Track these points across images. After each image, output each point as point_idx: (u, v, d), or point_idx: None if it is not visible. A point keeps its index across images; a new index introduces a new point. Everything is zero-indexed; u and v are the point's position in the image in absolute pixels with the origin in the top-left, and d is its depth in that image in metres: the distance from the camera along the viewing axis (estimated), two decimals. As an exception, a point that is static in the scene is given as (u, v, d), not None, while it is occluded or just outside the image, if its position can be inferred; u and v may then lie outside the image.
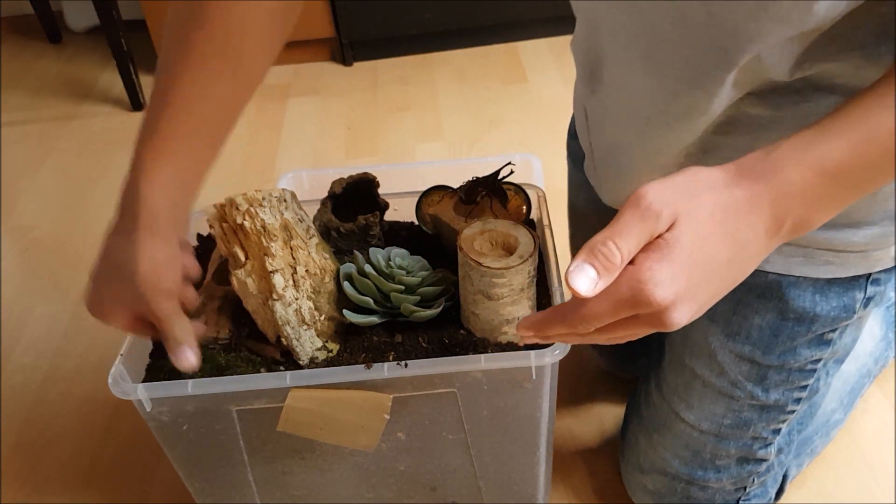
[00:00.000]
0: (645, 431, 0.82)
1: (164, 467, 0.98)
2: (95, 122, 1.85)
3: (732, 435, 0.75)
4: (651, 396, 0.81)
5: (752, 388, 0.72)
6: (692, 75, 0.56)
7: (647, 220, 0.44)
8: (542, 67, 1.88)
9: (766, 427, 0.75)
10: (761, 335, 0.69)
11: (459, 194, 0.81)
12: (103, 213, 1.51)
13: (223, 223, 0.70)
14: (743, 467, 0.77)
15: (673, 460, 0.78)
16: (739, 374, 0.71)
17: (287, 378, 0.65)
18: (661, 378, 0.80)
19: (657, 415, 0.80)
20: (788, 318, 0.68)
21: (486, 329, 0.70)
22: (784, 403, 0.73)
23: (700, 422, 0.75)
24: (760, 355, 0.70)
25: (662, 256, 0.43)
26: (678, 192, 0.45)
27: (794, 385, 0.72)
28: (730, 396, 0.73)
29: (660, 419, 0.79)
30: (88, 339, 1.20)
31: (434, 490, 0.79)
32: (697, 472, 0.78)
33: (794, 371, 0.71)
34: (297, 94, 1.88)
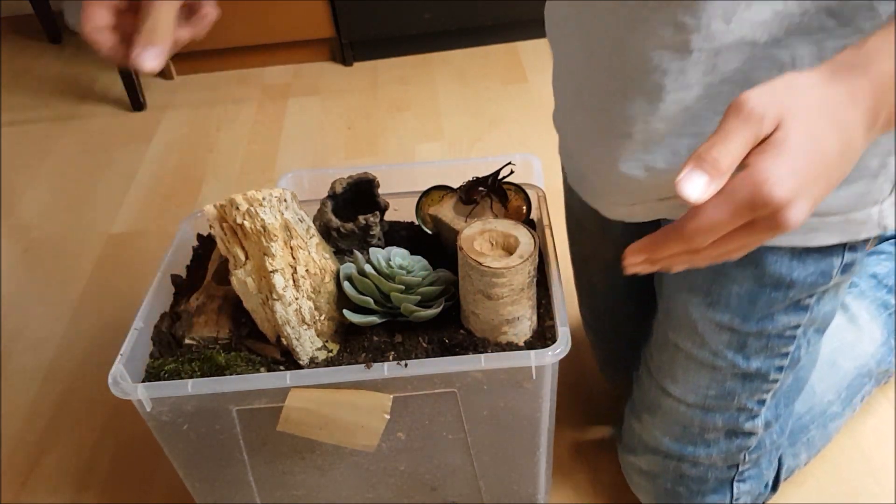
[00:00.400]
0: (636, 413, 0.82)
1: (164, 467, 0.98)
2: (95, 122, 1.85)
3: (718, 406, 0.75)
4: (641, 379, 0.82)
5: (733, 357, 0.72)
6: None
7: (751, 123, 0.44)
8: (542, 67, 1.88)
9: (751, 397, 0.75)
10: (740, 303, 0.70)
11: (459, 194, 0.81)
12: (103, 213, 1.51)
13: (223, 223, 0.70)
14: (732, 441, 0.77)
15: (663, 438, 0.79)
16: (720, 344, 0.72)
17: (287, 378, 0.65)
18: (648, 358, 0.81)
19: (646, 395, 0.81)
20: (765, 284, 0.69)
21: (486, 329, 0.70)
22: (766, 372, 0.74)
23: (686, 395, 0.76)
24: (739, 323, 0.71)
25: (777, 154, 0.43)
26: (779, 94, 0.45)
27: (775, 352, 0.73)
28: (712, 367, 0.73)
29: (649, 398, 0.80)
30: (88, 339, 1.20)
31: (434, 490, 0.79)
32: (687, 447, 0.78)
33: (773, 337, 0.72)
34: (297, 94, 1.88)
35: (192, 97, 1.92)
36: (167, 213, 1.49)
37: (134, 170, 1.64)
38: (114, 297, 1.29)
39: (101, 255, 1.39)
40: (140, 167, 1.65)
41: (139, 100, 1.86)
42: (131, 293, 1.29)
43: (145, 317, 0.75)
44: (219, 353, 0.71)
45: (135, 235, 1.44)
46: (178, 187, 1.56)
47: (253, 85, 1.94)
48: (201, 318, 0.75)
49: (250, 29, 1.92)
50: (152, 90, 1.95)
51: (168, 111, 1.86)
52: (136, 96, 1.85)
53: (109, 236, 1.44)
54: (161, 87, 1.98)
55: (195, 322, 0.75)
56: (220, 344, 0.73)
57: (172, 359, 0.72)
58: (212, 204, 0.71)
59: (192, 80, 2.00)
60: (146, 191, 1.56)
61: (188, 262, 0.86)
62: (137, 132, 1.79)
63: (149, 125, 1.81)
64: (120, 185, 1.59)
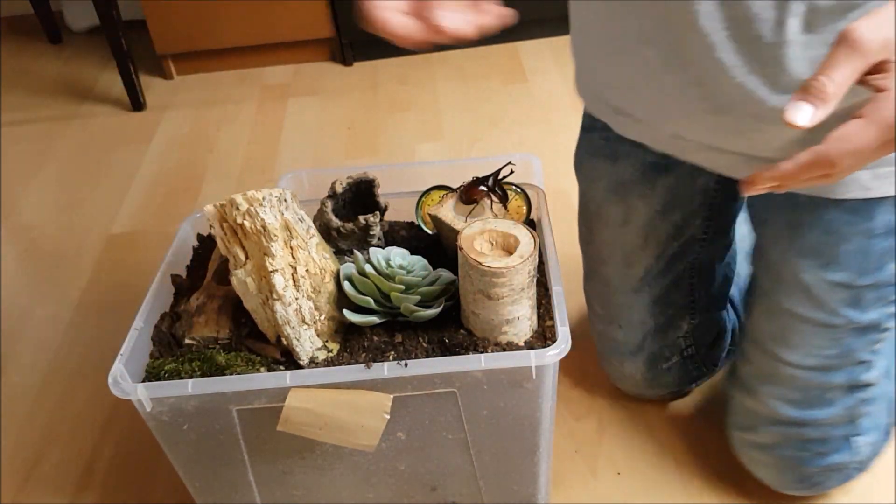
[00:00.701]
0: (748, 390, 0.82)
1: (164, 467, 0.98)
2: (95, 122, 1.85)
3: (837, 365, 0.76)
4: (747, 355, 0.82)
5: (849, 313, 0.74)
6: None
7: (859, 50, 0.46)
8: (542, 67, 1.88)
9: (867, 349, 0.76)
10: (854, 259, 0.71)
11: (459, 194, 0.81)
12: (103, 213, 1.51)
13: (223, 223, 0.70)
14: (851, 396, 0.78)
15: (783, 407, 0.79)
16: (837, 302, 0.73)
17: (287, 378, 0.65)
18: (753, 333, 0.81)
19: (758, 368, 0.80)
20: (876, 235, 0.70)
21: (486, 329, 0.70)
22: (879, 321, 0.75)
23: (804, 359, 0.76)
24: (855, 278, 0.72)
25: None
26: (886, 21, 0.47)
27: (887, 301, 0.74)
28: (829, 326, 0.74)
29: (763, 371, 0.80)
30: (88, 339, 1.20)
31: (434, 490, 0.79)
32: (809, 411, 0.78)
33: (885, 287, 0.73)
34: (297, 94, 1.88)
35: (192, 97, 1.92)
36: (167, 213, 1.49)
37: (134, 170, 1.64)
38: (114, 297, 1.29)
39: (101, 255, 1.39)
40: (140, 167, 1.65)
41: (139, 100, 1.86)
42: (131, 293, 1.29)
43: (145, 317, 0.75)
44: (219, 353, 0.71)
45: (135, 235, 1.44)
46: (178, 187, 1.56)
47: (253, 85, 1.94)
48: (201, 318, 0.75)
49: (250, 29, 1.92)
50: (152, 90, 1.95)
51: (168, 111, 1.86)
52: (136, 96, 1.85)
53: (109, 236, 1.44)
54: (161, 87, 1.98)
55: (195, 322, 0.75)
56: (220, 344, 0.74)
57: (172, 359, 0.72)
58: (212, 204, 0.71)
59: (192, 80, 2.00)
60: (146, 191, 1.56)
61: (188, 262, 0.86)
62: (137, 132, 1.79)
63: (149, 125, 1.81)
64: (120, 185, 1.59)
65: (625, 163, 0.84)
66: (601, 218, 0.89)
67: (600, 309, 0.95)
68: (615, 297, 0.92)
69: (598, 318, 0.97)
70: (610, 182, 0.86)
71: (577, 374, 1.05)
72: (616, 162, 0.85)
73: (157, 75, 2.02)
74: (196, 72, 2.02)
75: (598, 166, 0.87)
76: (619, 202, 0.86)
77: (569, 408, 1.01)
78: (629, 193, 0.85)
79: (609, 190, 0.86)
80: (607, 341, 0.96)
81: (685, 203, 0.85)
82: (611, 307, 0.93)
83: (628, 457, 0.94)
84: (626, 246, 0.88)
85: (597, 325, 0.97)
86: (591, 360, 1.07)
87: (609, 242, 0.90)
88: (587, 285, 0.97)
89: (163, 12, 1.88)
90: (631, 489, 0.90)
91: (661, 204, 0.85)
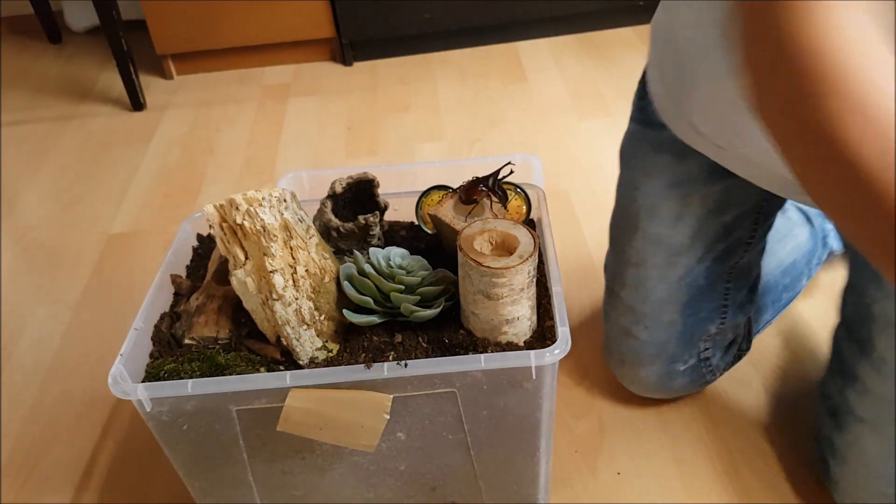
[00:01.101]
0: (875, 433, 0.77)
1: (164, 467, 0.98)
2: (95, 122, 1.85)
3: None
4: (867, 394, 0.76)
5: None
6: None
7: None
8: (542, 67, 1.88)
9: None
10: None
11: (459, 194, 0.81)
12: (103, 212, 1.51)
13: (223, 223, 0.70)
14: None
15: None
16: None
17: (287, 378, 0.65)
18: (872, 351, 0.75)
19: (886, 402, 0.75)
20: None
21: (486, 329, 0.70)
22: None
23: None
24: None
25: None
26: None
27: None
28: None
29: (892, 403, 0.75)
30: (88, 339, 1.20)
31: (434, 490, 0.79)
32: None
33: None
34: (297, 94, 1.88)
35: (192, 97, 1.92)
36: (167, 213, 1.49)
37: (134, 170, 1.64)
38: (114, 297, 1.29)
39: (101, 255, 1.39)
40: (140, 167, 1.65)
41: (139, 100, 1.86)
42: (131, 293, 1.29)
43: (145, 317, 0.75)
44: (219, 353, 0.71)
45: (135, 235, 1.44)
46: (178, 187, 1.56)
47: (253, 85, 1.94)
48: (201, 318, 0.75)
49: (250, 29, 1.93)
50: (152, 90, 1.95)
51: (168, 111, 1.86)
52: (136, 96, 1.85)
53: (109, 236, 1.44)
54: (161, 87, 1.98)
55: (195, 322, 0.75)
56: (220, 344, 0.74)
57: (172, 359, 0.72)
58: (212, 204, 0.71)
59: (192, 80, 2.00)
60: (146, 191, 1.56)
61: (188, 262, 0.86)
62: (137, 132, 1.79)
63: (149, 125, 1.81)
64: (120, 185, 1.59)
65: (692, 161, 0.83)
66: (653, 213, 0.87)
67: (627, 308, 0.92)
68: (650, 297, 0.90)
69: (622, 318, 0.93)
70: (672, 179, 0.84)
71: (577, 374, 1.05)
72: (683, 159, 0.83)
73: (157, 75, 2.02)
74: (196, 72, 2.02)
75: (661, 162, 0.85)
76: (677, 199, 0.85)
77: (569, 408, 1.01)
78: (690, 192, 0.84)
79: (669, 186, 0.85)
80: (627, 341, 0.93)
81: (740, 203, 0.84)
82: (641, 307, 0.91)
83: (628, 457, 0.94)
84: (673, 245, 0.87)
85: (618, 323, 0.94)
86: (591, 360, 1.07)
87: (654, 240, 0.88)
88: (616, 282, 0.94)
89: (163, 12, 1.88)
90: (631, 489, 0.90)
91: (717, 203, 0.84)
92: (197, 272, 0.84)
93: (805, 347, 1.06)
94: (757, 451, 0.93)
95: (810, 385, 1.00)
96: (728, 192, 0.83)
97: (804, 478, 0.90)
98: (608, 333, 0.97)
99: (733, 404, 0.99)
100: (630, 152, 0.90)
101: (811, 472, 0.90)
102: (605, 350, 0.99)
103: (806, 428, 0.95)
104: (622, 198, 0.92)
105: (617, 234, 0.94)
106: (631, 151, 0.90)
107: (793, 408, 0.98)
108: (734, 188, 0.83)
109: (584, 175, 1.45)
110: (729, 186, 0.83)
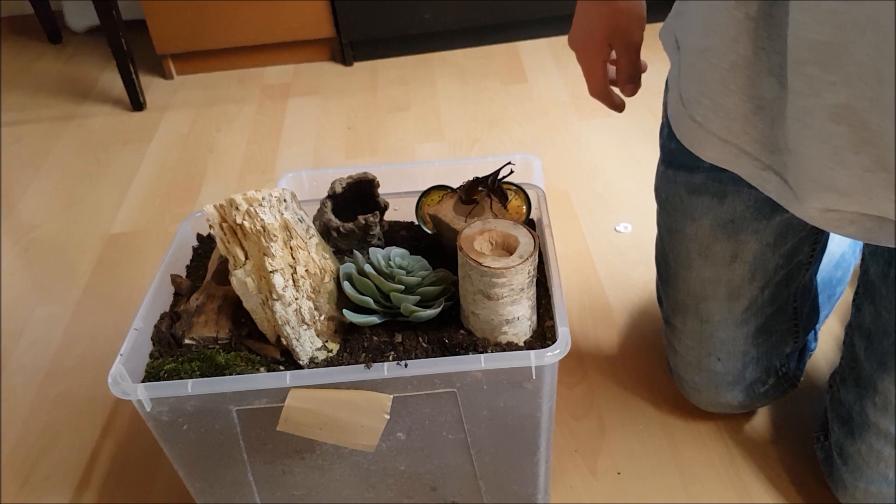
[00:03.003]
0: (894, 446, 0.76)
1: (164, 467, 0.98)
2: (95, 122, 1.85)
3: None
4: (889, 408, 0.75)
5: None
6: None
7: None
8: (542, 67, 1.88)
9: None
10: None
11: (459, 194, 0.81)
12: (103, 212, 1.51)
13: (223, 223, 0.70)
14: None
15: None
16: None
17: (287, 378, 0.65)
18: (885, 362, 0.74)
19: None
20: None
21: (486, 329, 0.70)
22: None
23: None
24: None
25: None
26: None
27: None
28: None
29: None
30: (88, 339, 1.20)
31: (434, 490, 0.79)
32: None
33: None
34: (297, 94, 1.88)
35: (192, 97, 1.92)
36: (167, 213, 1.49)
37: (134, 170, 1.64)
38: (114, 297, 1.29)
39: (101, 255, 1.39)
40: (140, 167, 1.65)
41: (139, 100, 1.86)
42: (131, 293, 1.29)
43: (145, 317, 0.75)
44: (218, 353, 0.71)
45: (135, 235, 1.44)
46: (178, 187, 1.56)
47: (253, 85, 1.94)
48: (201, 318, 0.75)
49: (250, 29, 1.93)
50: (152, 90, 1.95)
51: (168, 111, 1.86)
52: (136, 96, 1.85)
53: (109, 236, 1.44)
54: (161, 87, 1.98)
55: (195, 322, 0.75)
56: (220, 344, 0.74)
57: (172, 359, 0.72)
58: (212, 204, 0.71)
59: (192, 80, 2.00)
60: (146, 191, 1.56)
61: (188, 262, 0.86)
62: (137, 132, 1.79)
63: (149, 125, 1.81)
64: (120, 185, 1.59)
65: (734, 200, 0.78)
66: (705, 256, 0.83)
67: (695, 344, 0.89)
68: (717, 333, 0.86)
69: (690, 352, 0.90)
70: (717, 220, 0.80)
71: (577, 374, 1.05)
72: (724, 200, 0.79)
73: (157, 75, 2.02)
74: (196, 72, 2.02)
75: (701, 204, 0.80)
76: (728, 239, 0.80)
77: (569, 408, 1.01)
78: (741, 230, 0.79)
79: (717, 227, 0.80)
80: (701, 373, 0.90)
81: (798, 231, 0.80)
82: (710, 342, 0.88)
83: (628, 457, 0.94)
84: (733, 282, 0.83)
85: (686, 360, 0.91)
86: (592, 360, 1.07)
87: (712, 280, 0.84)
88: (676, 318, 0.90)
89: (163, 12, 1.88)
90: (631, 489, 0.90)
91: (774, 237, 0.80)
92: (197, 272, 0.84)
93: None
94: (757, 450, 0.93)
95: (811, 384, 1.00)
96: (784, 224, 0.79)
97: (805, 477, 0.90)
98: (677, 364, 0.94)
99: (733, 404, 0.99)
100: (665, 194, 0.85)
101: (812, 471, 0.90)
102: (676, 378, 0.96)
103: (806, 427, 0.95)
104: (668, 237, 0.87)
105: (667, 271, 0.89)
106: (666, 194, 0.85)
107: (794, 407, 0.98)
108: (790, 219, 0.78)
109: (584, 175, 1.45)
110: (784, 219, 0.78)
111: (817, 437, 0.87)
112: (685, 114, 0.72)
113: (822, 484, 0.88)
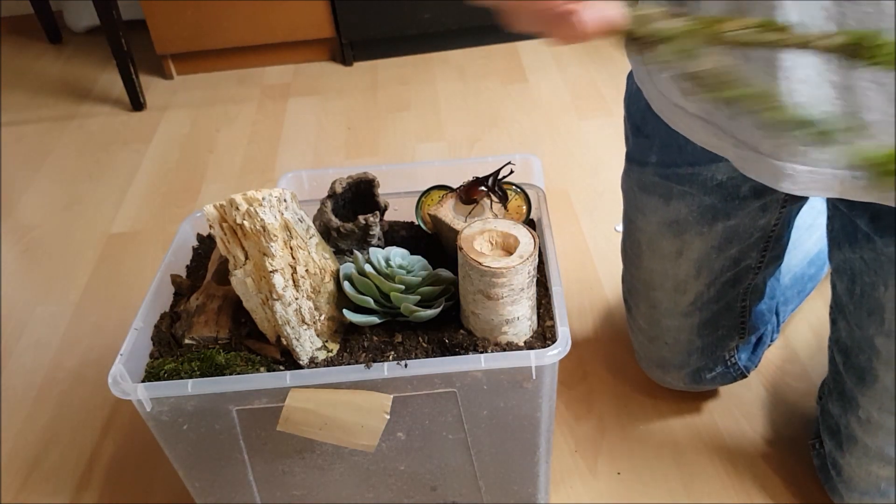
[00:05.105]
0: (882, 461, 0.76)
1: (164, 467, 0.98)
2: (95, 122, 1.85)
3: None
4: (871, 424, 0.75)
5: None
6: None
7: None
8: (542, 67, 1.88)
9: None
10: None
11: (459, 194, 0.81)
12: (103, 212, 1.51)
13: (223, 223, 0.70)
14: None
15: None
16: None
17: (287, 378, 0.65)
18: (877, 393, 0.73)
19: (887, 389, 0.73)
20: None
21: (486, 329, 0.70)
22: None
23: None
24: None
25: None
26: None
27: None
28: None
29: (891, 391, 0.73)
30: (88, 339, 1.20)
31: (434, 490, 0.79)
32: None
33: None
34: (297, 94, 1.88)
35: (192, 97, 1.92)
36: (167, 213, 1.49)
37: (134, 170, 1.64)
38: (114, 297, 1.29)
39: (101, 255, 1.39)
40: (140, 167, 1.65)
41: (139, 100, 1.86)
42: (131, 293, 1.29)
43: (145, 317, 0.75)
44: (218, 353, 0.71)
45: (135, 235, 1.44)
46: (178, 187, 1.56)
47: (253, 85, 1.94)
48: (201, 318, 0.75)
49: (250, 29, 1.93)
50: (152, 90, 1.95)
51: (168, 111, 1.86)
52: (136, 96, 1.85)
53: (109, 236, 1.44)
54: (161, 87, 1.98)
55: (195, 322, 0.75)
56: (220, 344, 0.74)
57: (172, 359, 0.72)
58: (212, 204, 0.71)
59: (192, 80, 2.00)
60: (146, 191, 1.56)
61: (188, 262, 0.86)
62: (137, 132, 1.79)
63: (149, 125, 1.81)
64: (120, 185, 1.59)
65: (679, 203, 0.81)
66: (652, 250, 0.86)
67: (646, 326, 0.93)
68: (663, 320, 0.90)
69: (641, 332, 0.95)
70: (664, 219, 0.83)
71: (577, 374, 1.05)
72: (669, 202, 0.82)
73: (157, 75, 2.02)
74: (196, 72, 2.02)
75: (649, 202, 0.84)
76: (674, 237, 0.83)
77: (569, 408, 1.01)
78: (685, 231, 0.82)
79: (663, 225, 0.83)
80: (652, 354, 0.95)
81: (743, 239, 0.82)
82: (658, 327, 0.91)
83: (628, 457, 0.94)
84: (679, 276, 0.86)
85: (639, 338, 0.96)
86: (592, 360, 1.07)
87: (660, 272, 0.87)
88: (632, 300, 0.95)
89: (163, 12, 1.88)
90: (631, 489, 0.90)
91: (719, 241, 0.82)
92: (197, 272, 0.84)
93: (805, 348, 1.06)
94: (757, 451, 0.93)
95: (811, 386, 1.00)
96: (728, 231, 0.81)
97: (804, 480, 0.90)
98: (634, 341, 0.98)
99: (733, 405, 0.99)
100: (625, 187, 0.89)
101: (811, 474, 0.90)
102: (636, 353, 1.00)
103: (806, 430, 0.95)
104: (627, 225, 0.91)
105: (626, 257, 0.94)
106: (626, 186, 0.89)
107: (793, 409, 0.98)
108: (734, 228, 0.80)
109: (584, 175, 1.45)
110: (728, 227, 0.80)
111: (812, 444, 0.87)
112: (667, 102, 0.75)
113: (821, 487, 0.88)
